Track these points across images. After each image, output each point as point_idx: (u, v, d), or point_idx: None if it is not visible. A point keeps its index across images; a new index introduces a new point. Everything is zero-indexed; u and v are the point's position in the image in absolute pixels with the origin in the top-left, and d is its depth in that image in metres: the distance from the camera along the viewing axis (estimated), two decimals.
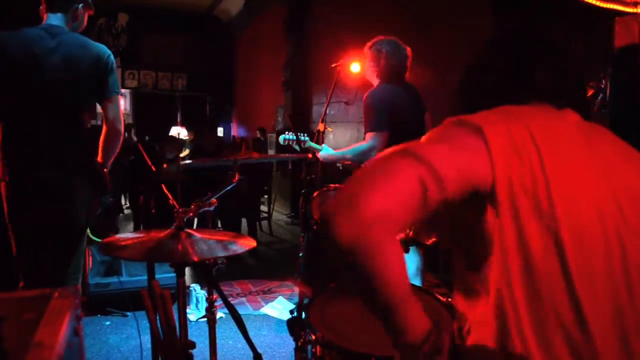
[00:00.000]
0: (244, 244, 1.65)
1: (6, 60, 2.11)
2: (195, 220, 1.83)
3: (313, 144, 2.97)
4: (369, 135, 2.73)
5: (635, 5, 1.83)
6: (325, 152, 2.93)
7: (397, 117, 2.71)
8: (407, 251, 1.72)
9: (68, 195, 2.20)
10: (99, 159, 2.30)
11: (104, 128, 2.30)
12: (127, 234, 1.69)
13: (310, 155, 3.03)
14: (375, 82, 2.85)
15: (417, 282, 2.98)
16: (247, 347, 1.85)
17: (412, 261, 2.92)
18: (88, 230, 2.44)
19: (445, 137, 0.85)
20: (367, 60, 2.86)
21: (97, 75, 2.23)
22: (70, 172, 2.20)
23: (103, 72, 2.24)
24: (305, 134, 3.01)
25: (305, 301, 1.62)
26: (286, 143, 2.99)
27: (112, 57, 2.30)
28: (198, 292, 3.48)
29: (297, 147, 2.99)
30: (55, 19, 2.24)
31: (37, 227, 2.21)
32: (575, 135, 0.89)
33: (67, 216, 2.22)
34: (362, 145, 2.77)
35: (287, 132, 3.00)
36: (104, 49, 2.29)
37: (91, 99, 2.29)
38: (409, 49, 2.85)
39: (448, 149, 0.82)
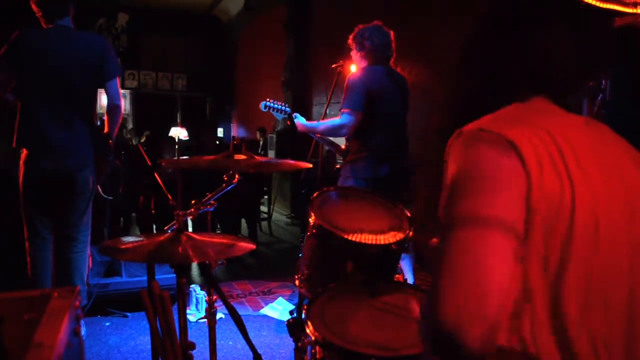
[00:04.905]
0: (244, 247, 1.65)
1: (32, 53, 2.64)
2: (190, 221, 1.84)
3: (291, 114, 3.09)
4: (343, 112, 2.79)
5: (635, 5, 1.83)
6: (299, 120, 3.01)
7: (375, 101, 2.76)
8: (407, 251, 1.73)
9: (80, 165, 2.71)
10: (105, 130, 2.86)
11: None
12: (128, 237, 1.69)
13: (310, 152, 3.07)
14: (363, 65, 2.91)
15: (412, 279, 3.01)
16: (247, 347, 1.85)
17: (408, 260, 2.96)
18: (100, 189, 2.92)
19: (484, 173, 0.78)
20: (353, 51, 2.92)
21: (98, 63, 2.74)
22: (82, 144, 2.72)
23: (103, 59, 2.76)
24: (287, 105, 3.12)
25: (305, 302, 1.62)
26: (267, 110, 3.06)
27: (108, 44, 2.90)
28: (198, 293, 3.48)
29: (277, 115, 3.11)
30: (63, 21, 2.74)
31: (54, 193, 2.71)
32: (590, 138, 0.88)
33: (78, 179, 2.71)
34: (335, 120, 2.85)
35: (268, 100, 3.08)
36: (101, 38, 2.91)
37: (94, 83, 2.80)
38: (392, 32, 2.90)
39: (502, 193, 0.76)
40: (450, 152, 0.85)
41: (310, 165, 1.76)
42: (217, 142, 9.65)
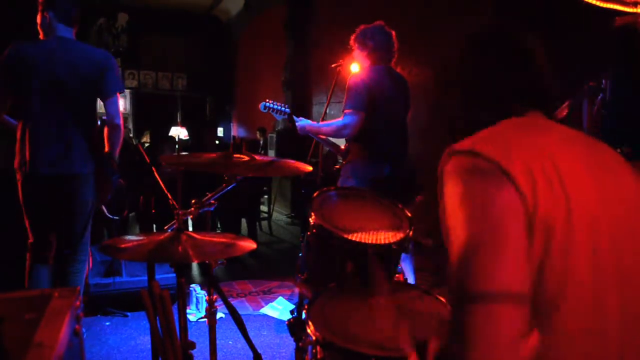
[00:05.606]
0: (244, 246, 1.65)
1: (27, 67, 2.50)
2: (190, 221, 1.83)
3: (293, 116, 3.08)
4: (346, 112, 2.79)
5: (635, 5, 1.83)
6: (303, 122, 3.01)
7: (376, 101, 2.76)
8: (407, 251, 1.73)
9: (78, 183, 2.61)
10: (106, 149, 2.70)
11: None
12: (128, 237, 1.69)
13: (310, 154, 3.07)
14: (365, 65, 2.92)
15: (412, 279, 3.01)
16: (247, 347, 1.85)
17: (408, 260, 2.96)
18: (105, 210, 2.86)
19: (483, 220, 0.79)
20: (355, 50, 2.93)
21: (98, 77, 2.61)
22: (80, 161, 2.61)
23: (103, 73, 2.63)
24: (287, 105, 3.11)
25: (306, 301, 1.62)
26: (267, 110, 3.07)
27: (112, 59, 2.73)
28: (198, 293, 3.48)
29: (277, 116, 3.11)
30: (65, 32, 2.62)
31: (52, 212, 2.63)
32: (582, 151, 0.89)
33: (76, 199, 2.63)
34: (338, 121, 2.86)
35: (268, 100, 3.09)
36: (105, 53, 2.72)
37: (94, 98, 2.69)
38: (394, 33, 2.91)
39: (507, 251, 0.78)
40: (444, 179, 0.86)
41: (311, 169, 1.75)
42: (217, 142, 9.66)
